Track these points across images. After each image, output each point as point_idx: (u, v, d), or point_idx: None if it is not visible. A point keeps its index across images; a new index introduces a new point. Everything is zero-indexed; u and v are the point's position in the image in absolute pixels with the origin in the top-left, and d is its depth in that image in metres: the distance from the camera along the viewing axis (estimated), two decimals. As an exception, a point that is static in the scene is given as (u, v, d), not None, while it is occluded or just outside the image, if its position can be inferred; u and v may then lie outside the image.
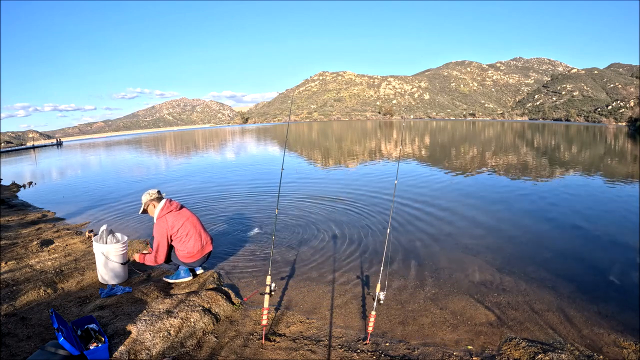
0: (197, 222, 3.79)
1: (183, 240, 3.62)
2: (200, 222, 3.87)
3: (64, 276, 3.85)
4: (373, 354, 2.54)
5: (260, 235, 5.31)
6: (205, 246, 3.77)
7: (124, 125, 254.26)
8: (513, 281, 3.70)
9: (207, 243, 3.80)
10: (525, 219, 5.86)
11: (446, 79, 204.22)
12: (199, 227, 3.78)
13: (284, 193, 7.87)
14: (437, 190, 8.10)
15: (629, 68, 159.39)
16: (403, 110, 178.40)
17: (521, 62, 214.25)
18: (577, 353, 2.52)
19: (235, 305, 3.23)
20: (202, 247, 3.73)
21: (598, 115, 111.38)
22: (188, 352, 2.57)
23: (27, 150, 46.06)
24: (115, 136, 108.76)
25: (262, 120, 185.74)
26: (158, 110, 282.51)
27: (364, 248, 4.68)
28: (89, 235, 5.32)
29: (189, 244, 3.63)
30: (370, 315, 2.69)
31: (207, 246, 3.81)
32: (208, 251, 3.83)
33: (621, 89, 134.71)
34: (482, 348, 2.63)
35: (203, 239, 3.76)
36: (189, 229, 3.65)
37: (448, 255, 4.41)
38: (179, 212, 3.68)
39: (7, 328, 2.81)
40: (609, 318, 3.02)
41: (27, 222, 6.40)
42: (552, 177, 10.10)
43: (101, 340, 2.47)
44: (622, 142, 24.87)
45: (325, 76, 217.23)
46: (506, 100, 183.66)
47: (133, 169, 15.20)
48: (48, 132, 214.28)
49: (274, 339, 2.72)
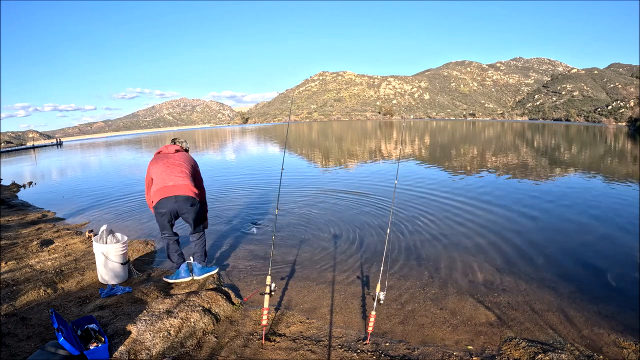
0: (173, 165, 3.45)
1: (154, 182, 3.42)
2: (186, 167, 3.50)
3: (64, 276, 3.85)
4: (373, 354, 2.54)
5: (261, 235, 5.31)
6: (166, 187, 3.32)
7: (124, 125, 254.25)
8: (513, 281, 3.70)
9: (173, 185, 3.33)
10: (525, 219, 5.86)
11: (446, 79, 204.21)
12: (174, 169, 3.43)
13: (284, 193, 7.87)
14: (437, 190, 8.09)
15: (629, 68, 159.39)
16: (403, 110, 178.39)
17: (521, 62, 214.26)
18: (577, 353, 2.52)
19: (235, 305, 3.23)
20: (162, 187, 3.33)
21: (598, 115, 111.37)
22: (188, 352, 2.57)
23: (27, 150, 46.06)
24: (115, 136, 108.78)
25: (262, 121, 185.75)
26: (158, 110, 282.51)
27: (364, 248, 4.68)
28: (89, 235, 5.33)
29: (153, 186, 3.42)
30: (370, 315, 2.69)
31: (170, 188, 3.33)
32: (170, 194, 3.33)
33: (621, 89, 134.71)
34: (482, 348, 2.63)
35: (167, 179, 3.34)
36: (160, 170, 3.41)
37: (448, 255, 4.41)
38: (166, 154, 3.59)
39: (7, 328, 2.81)
40: (609, 318, 3.02)
41: (27, 222, 6.40)
42: (552, 177, 10.10)
43: (101, 340, 2.47)
44: (622, 142, 24.87)
45: (325, 76, 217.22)
46: (506, 100, 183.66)
47: (133, 169, 15.20)
48: (48, 132, 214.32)
49: (274, 339, 2.72)
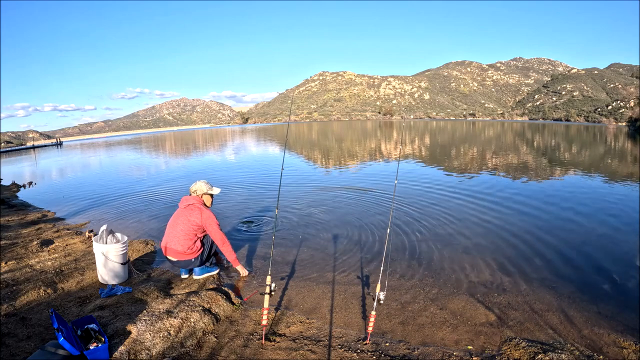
0: (173, 223, 3.83)
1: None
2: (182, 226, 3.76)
3: (64, 276, 3.85)
4: (373, 354, 2.54)
5: (260, 235, 5.31)
6: (164, 247, 3.83)
7: (124, 125, 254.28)
8: (513, 281, 3.70)
9: (165, 246, 3.81)
10: (525, 219, 5.86)
11: (446, 79, 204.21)
12: (173, 228, 3.80)
13: (284, 193, 7.87)
14: (437, 190, 8.09)
15: (629, 68, 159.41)
16: (403, 110, 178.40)
17: (521, 62, 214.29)
18: (577, 353, 2.52)
19: (235, 305, 3.23)
20: (163, 246, 3.85)
21: (598, 115, 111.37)
22: (188, 352, 2.57)
23: (27, 150, 46.07)
24: (115, 136, 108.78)
25: (262, 121, 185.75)
26: (158, 110, 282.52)
27: (364, 248, 4.68)
28: (89, 235, 5.32)
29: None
30: (370, 315, 2.69)
31: (166, 249, 3.81)
32: (165, 254, 3.82)
33: (621, 89, 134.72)
34: (482, 348, 2.63)
35: (166, 238, 3.84)
36: (168, 225, 3.89)
37: (448, 255, 4.41)
38: (179, 208, 3.89)
39: (7, 328, 2.81)
40: (609, 318, 3.02)
41: (27, 222, 6.40)
42: (552, 177, 10.10)
43: (101, 340, 2.46)
44: (622, 142, 24.87)
45: (325, 76, 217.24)
46: (506, 100, 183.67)
47: (133, 169, 15.20)
48: (48, 132, 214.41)
49: (274, 339, 2.72)
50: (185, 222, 3.73)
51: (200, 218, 3.73)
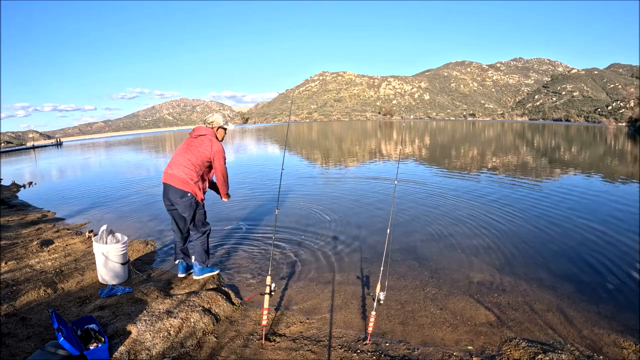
0: (181, 151, 3.64)
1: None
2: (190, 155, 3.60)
3: (64, 276, 3.85)
4: (373, 354, 2.54)
5: (261, 235, 5.31)
6: (165, 173, 3.58)
7: (124, 125, 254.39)
8: (513, 281, 3.70)
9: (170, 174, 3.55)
10: (525, 219, 5.86)
11: (446, 79, 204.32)
12: (181, 156, 3.61)
13: (284, 193, 7.87)
14: (437, 190, 8.09)
15: (629, 68, 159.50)
16: (403, 111, 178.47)
17: (521, 62, 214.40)
18: (577, 353, 2.52)
19: (235, 305, 3.23)
20: (164, 172, 3.61)
21: (598, 115, 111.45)
22: (188, 353, 2.57)
23: (27, 150, 46.08)
24: (116, 136, 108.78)
25: (262, 121, 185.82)
26: (158, 111, 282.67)
27: (364, 248, 4.68)
28: (89, 235, 5.32)
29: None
30: (370, 315, 2.69)
31: (167, 175, 3.57)
32: (165, 181, 3.57)
33: (621, 89, 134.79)
34: (482, 348, 2.63)
35: (170, 164, 3.60)
36: (175, 153, 3.69)
37: (448, 255, 4.41)
38: (189, 137, 3.75)
39: (7, 328, 2.81)
40: (609, 318, 3.02)
41: (27, 222, 6.40)
42: (552, 177, 10.10)
43: (101, 341, 2.46)
44: (622, 143, 24.87)
45: (325, 76, 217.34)
46: (506, 100, 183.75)
47: (133, 169, 15.20)
48: (48, 132, 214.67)
49: (274, 339, 2.72)
50: (195, 151, 3.63)
51: (210, 150, 3.63)
